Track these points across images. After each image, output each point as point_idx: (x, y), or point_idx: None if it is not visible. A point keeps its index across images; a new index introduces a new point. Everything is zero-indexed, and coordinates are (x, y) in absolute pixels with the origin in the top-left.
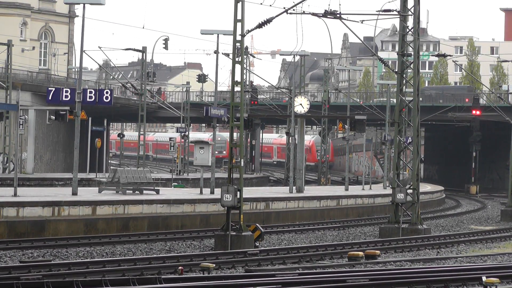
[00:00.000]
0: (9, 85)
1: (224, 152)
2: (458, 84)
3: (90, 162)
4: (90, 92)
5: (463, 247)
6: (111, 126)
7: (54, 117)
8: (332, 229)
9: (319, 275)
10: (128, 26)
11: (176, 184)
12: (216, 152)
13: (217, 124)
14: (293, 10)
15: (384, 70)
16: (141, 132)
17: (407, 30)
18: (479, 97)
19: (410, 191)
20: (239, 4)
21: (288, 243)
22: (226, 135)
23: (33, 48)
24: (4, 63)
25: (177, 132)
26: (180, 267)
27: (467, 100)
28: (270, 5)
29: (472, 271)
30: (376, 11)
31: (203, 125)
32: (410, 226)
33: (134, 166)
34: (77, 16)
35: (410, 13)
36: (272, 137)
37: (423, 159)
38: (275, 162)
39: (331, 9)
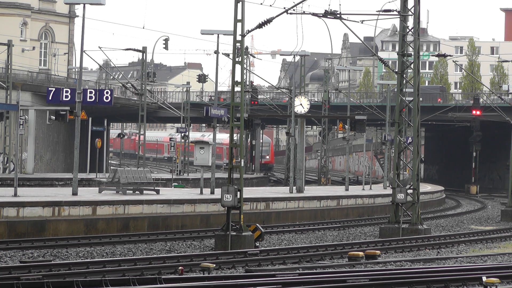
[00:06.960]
0: (9, 85)
1: (268, 157)
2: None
3: (90, 162)
4: (90, 92)
5: (463, 247)
6: (112, 125)
7: (54, 117)
8: (332, 229)
9: (319, 275)
10: (128, 26)
11: (176, 184)
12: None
13: (217, 124)
14: (293, 10)
15: (384, 70)
16: (141, 132)
17: (407, 30)
18: (479, 97)
19: (410, 191)
20: (239, 4)
21: (288, 243)
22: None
23: (33, 48)
24: (4, 63)
25: (177, 132)
26: (180, 267)
27: (439, 100)
28: (270, 5)
29: (472, 271)
30: (376, 11)
31: (203, 125)
32: (410, 226)
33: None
34: (77, 16)
35: (410, 13)
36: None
37: (423, 159)
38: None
39: (331, 9)
